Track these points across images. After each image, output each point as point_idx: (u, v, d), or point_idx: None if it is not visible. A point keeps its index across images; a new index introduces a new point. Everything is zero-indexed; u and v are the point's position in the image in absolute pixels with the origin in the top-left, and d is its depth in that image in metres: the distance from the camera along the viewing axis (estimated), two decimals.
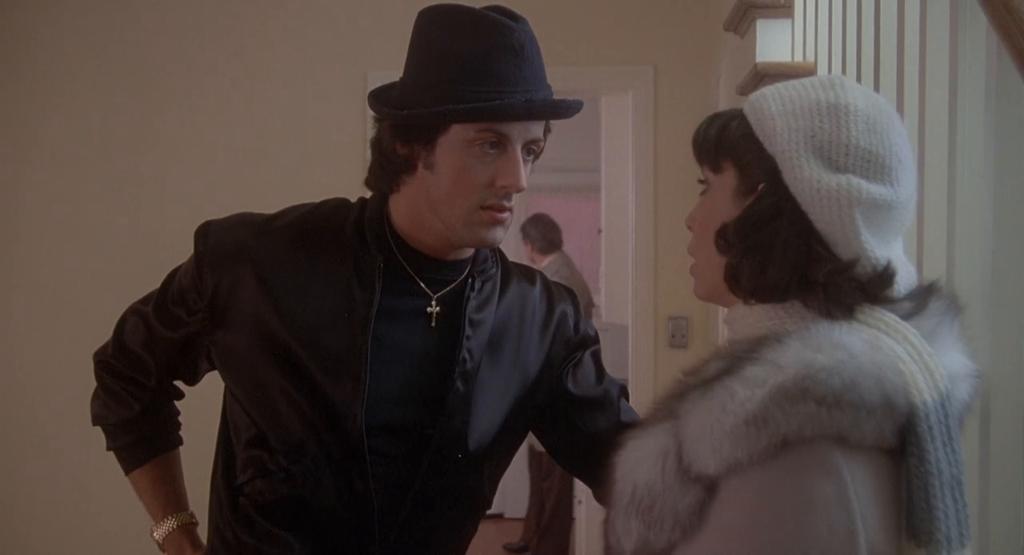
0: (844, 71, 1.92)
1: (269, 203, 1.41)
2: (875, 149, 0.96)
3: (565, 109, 1.29)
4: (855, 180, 0.95)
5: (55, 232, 3.61)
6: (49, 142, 3.62)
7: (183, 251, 1.39)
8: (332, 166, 3.58)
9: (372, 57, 3.58)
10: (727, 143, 1.03)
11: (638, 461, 0.95)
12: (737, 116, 1.03)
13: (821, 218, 0.95)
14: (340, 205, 1.39)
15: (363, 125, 3.60)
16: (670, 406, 0.96)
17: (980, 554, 1.22)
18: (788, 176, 0.96)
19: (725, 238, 1.01)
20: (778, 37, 2.44)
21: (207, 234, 1.37)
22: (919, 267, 1.41)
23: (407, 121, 1.27)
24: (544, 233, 5.01)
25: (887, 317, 0.94)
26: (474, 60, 1.23)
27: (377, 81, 1.39)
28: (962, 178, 1.33)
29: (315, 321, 1.29)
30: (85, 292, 3.59)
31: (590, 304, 4.68)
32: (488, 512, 1.50)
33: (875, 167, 0.96)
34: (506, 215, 1.28)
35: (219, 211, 1.49)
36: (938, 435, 0.88)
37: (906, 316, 0.95)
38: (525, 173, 1.26)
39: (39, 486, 3.62)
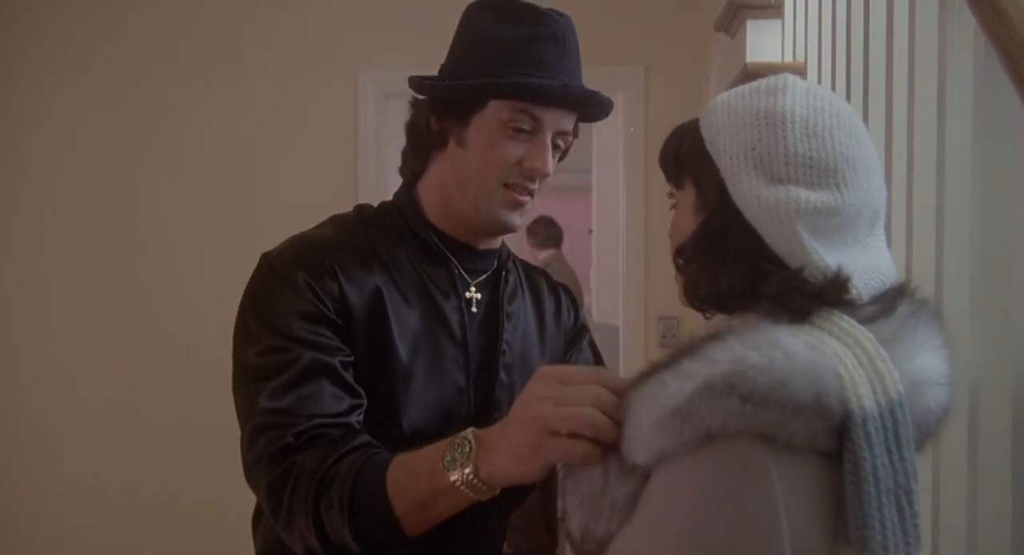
0: (833, 71, 1.91)
1: (263, 200, 1.39)
2: (815, 154, 0.94)
3: (600, 102, 1.31)
4: (795, 190, 0.93)
5: (52, 231, 3.60)
6: (46, 142, 3.60)
7: (179, 248, 1.36)
8: (323, 164, 3.58)
9: (363, 57, 3.57)
10: (684, 159, 1.03)
11: None
12: (693, 129, 1.03)
13: (767, 231, 0.94)
14: (378, 214, 1.38)
15: (354, 124, 3.60)
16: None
17: None
18: (733, 191, 0.96)
19: (683, 256, 1.02)
20: (768, 37, 2.44)
21: (297, 259, 1.25)
22: (907, 269, 1.41)
23: (447, 93, 1.30)
24: (543, 228, 5.39)
25: (842, 321, 0.92)
26: (515, 44, 1.27)
27: (368, 81, 1.38)
28: (950, 177, 1.33)
29: (416, 329, 1.29)
30: (83, 290, 3.58)
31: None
32: None
33: (817, 173, 0.94)
34: (527, 199, 1.30)
35: (215, 209, 1.48)
36: (877, 442, 0.87)
37: (868, 320, 0.94)
38: (552, 161, 1.29)
39: (40, 486, 3.61)
